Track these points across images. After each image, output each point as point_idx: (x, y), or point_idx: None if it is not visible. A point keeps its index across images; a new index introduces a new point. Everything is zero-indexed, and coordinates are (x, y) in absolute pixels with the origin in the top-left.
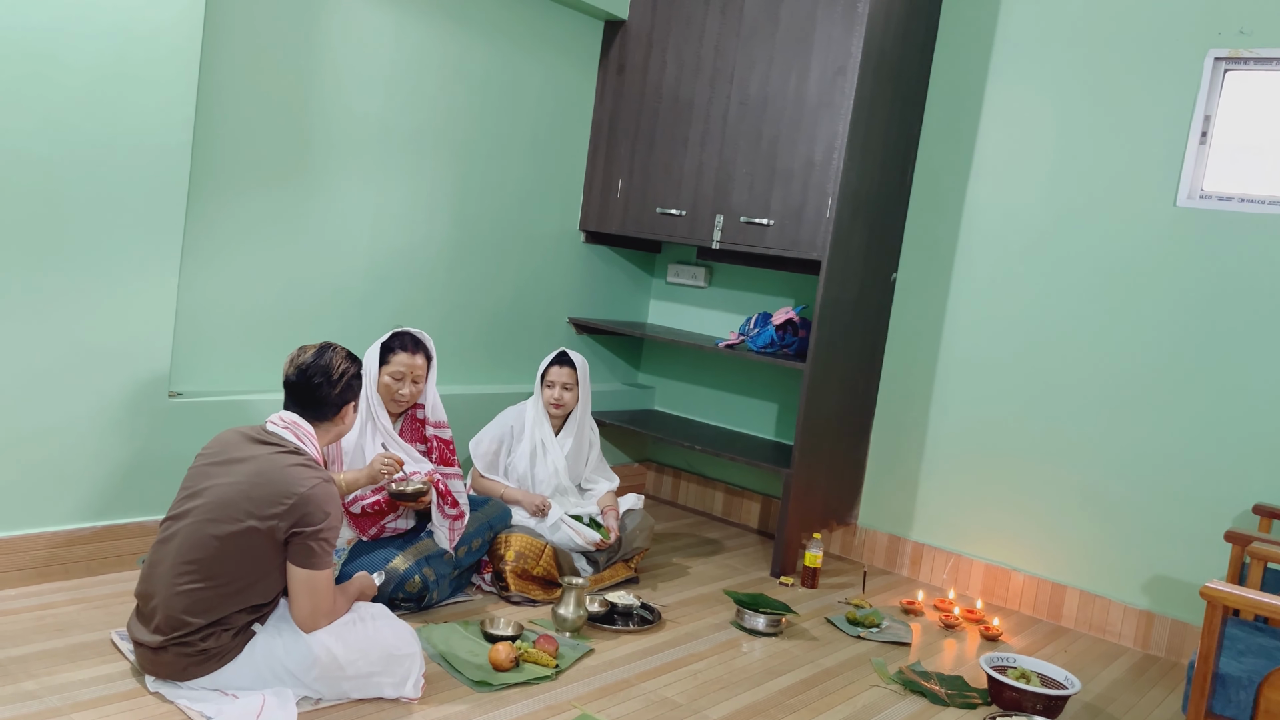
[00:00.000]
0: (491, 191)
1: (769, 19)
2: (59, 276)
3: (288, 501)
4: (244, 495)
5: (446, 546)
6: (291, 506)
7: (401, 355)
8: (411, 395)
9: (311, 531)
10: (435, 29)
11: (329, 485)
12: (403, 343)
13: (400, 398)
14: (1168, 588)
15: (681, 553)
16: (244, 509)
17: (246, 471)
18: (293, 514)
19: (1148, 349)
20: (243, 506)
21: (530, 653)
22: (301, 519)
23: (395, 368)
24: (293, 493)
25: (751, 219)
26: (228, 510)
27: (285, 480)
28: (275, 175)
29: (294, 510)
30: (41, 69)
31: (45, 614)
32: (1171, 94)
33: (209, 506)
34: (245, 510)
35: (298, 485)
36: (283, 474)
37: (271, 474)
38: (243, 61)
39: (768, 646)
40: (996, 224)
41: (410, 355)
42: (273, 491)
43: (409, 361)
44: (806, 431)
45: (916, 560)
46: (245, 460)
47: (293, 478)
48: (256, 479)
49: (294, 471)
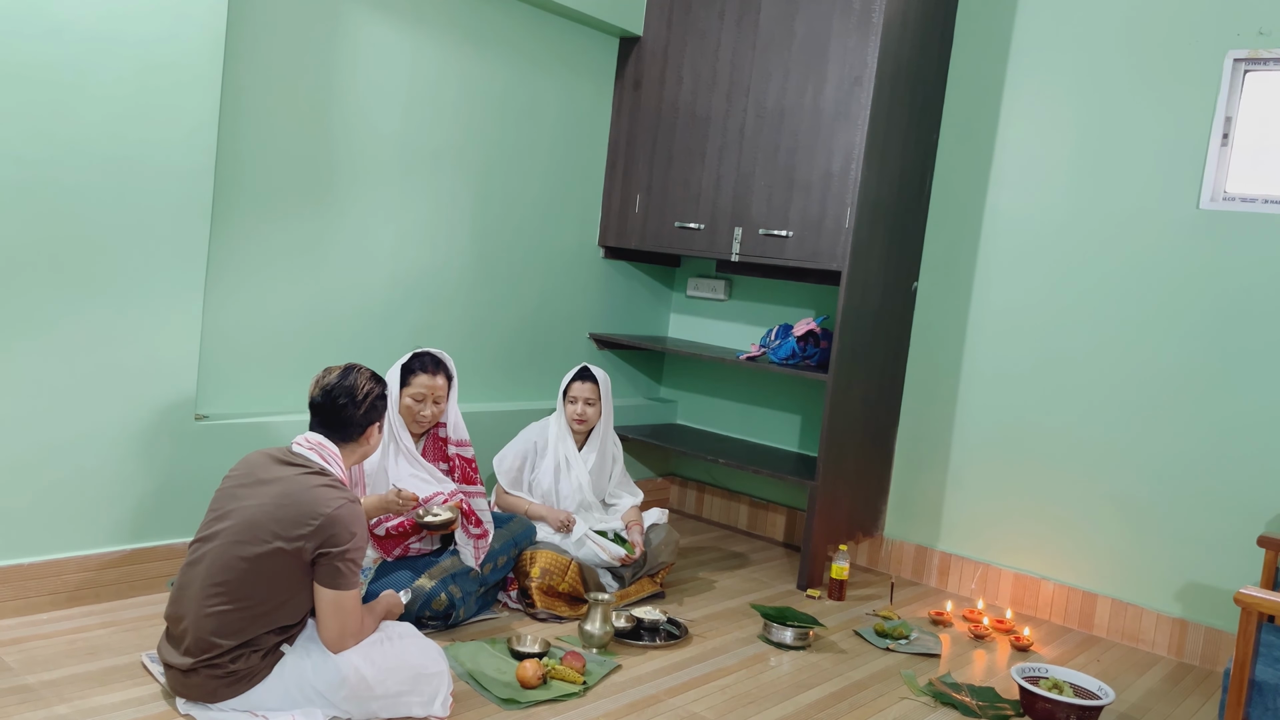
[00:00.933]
0: (511, 209)
1: (784, 31)
2: (86, 302)
3: (314, 522)
4: (271, 517)
5: (472, 564)
6: (318, 527)
7: (422, 376)
8: (433, 416)
9: (338, 552)
10: (453, 49)
11: (355, 506)
12: (423, 364)
13: (422, 418)
14: (1201, 594)
15: (707, 567)
16: (271, 530)
17: (273, 493)
18: (319, 535)
19: (1174, 353)
20: (270, 528)
21: (558, 670)
22: (328, 540)
23: (416, 389)
24: (319, 513)
25: (770, 231)
26: (255, 532)
27: (311, 501)
28: (296, 197)
29: (320, 531)
30: (68, 98)
31: (76, 638)
32: (1191, 96)
33: (236, 528)
34: (272, 532)
35: (324, 506)
36: (309, 495)
37: (298, 495)
38: (263, 86)
39: (796, 660)
40: (1017, 230)
41: (431, 376)
42: (299, 513)
43: (430, 383)
44: (830, 443)
45: (944, 571)
46: (272, 482)
47: (319, 498)
48: (283, 500)
49: (320, 492)
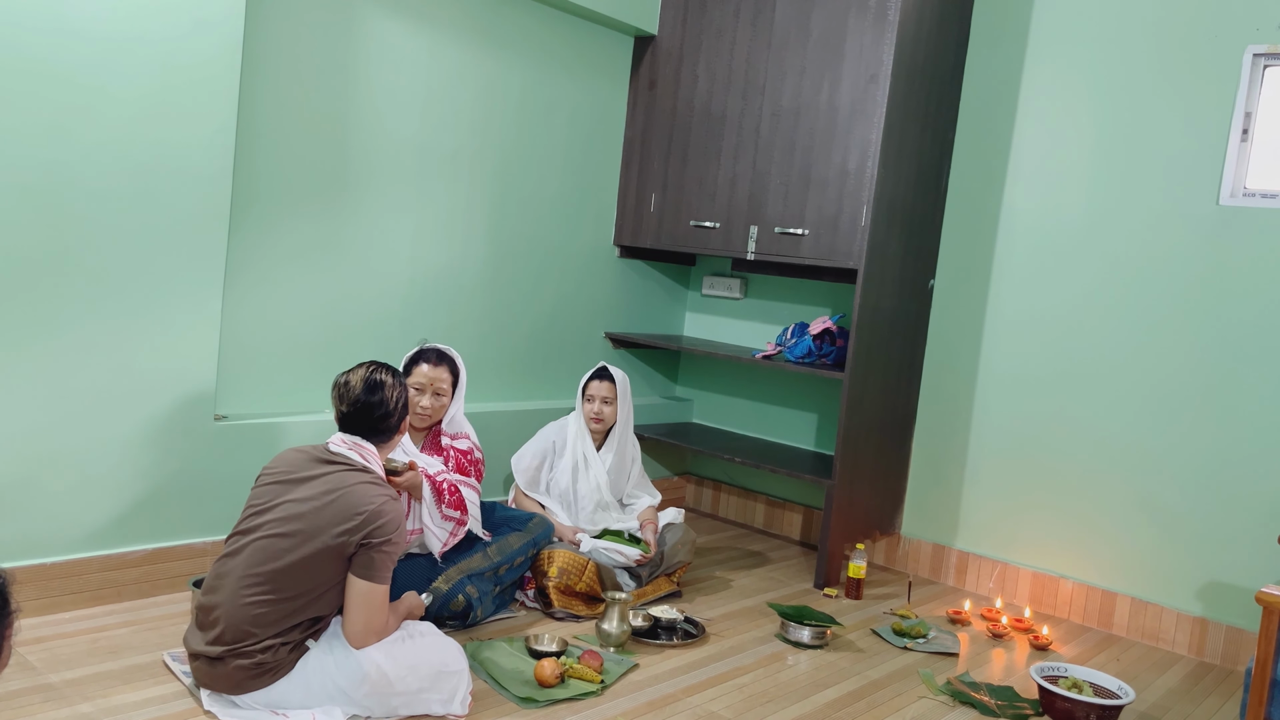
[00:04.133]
0: (527, 209)
1: (800, 29)
2: (106, 302)
3: (359, 517)
4: (316, 511)
5: (434, 550)
6: (364, 519)
7: (424, 366)
8: (433, 408)
9: (379, 543)
10: (468, 50)
11: (396, 503)
12: (426, 355)
13: (422, 410)
14: (1222, 593)
15: (724, 566)
16: (316, 524)
17: (317, 489)
18: (365, 526)
19: (1193, 349)
20: (315, 522)
21: (575, 669)
22: (373, 531)
23: (416, 379)
24: (364, 508)
25: (786, 229)
26: (299, 525)
27: (357, 496)
28: (315, 199)
29: (367, 523)
30: (89, 101)
31: (98, 636)
32: (1210, 92)
33: (280, 521)
34: (317, 526)
35: (368, 501)
36: (354, 490)
37: (343, 491)
38: (280, 88)
39: (813, 659)
40: (1035, 227)
41: (433, 367)
42: (344, 507)
43: (430, 373)
44: (847, 441)
45: (962, 569)
46: (315, 478)
47: (365, 494)
48: (328, 496)
49: (365, 489)
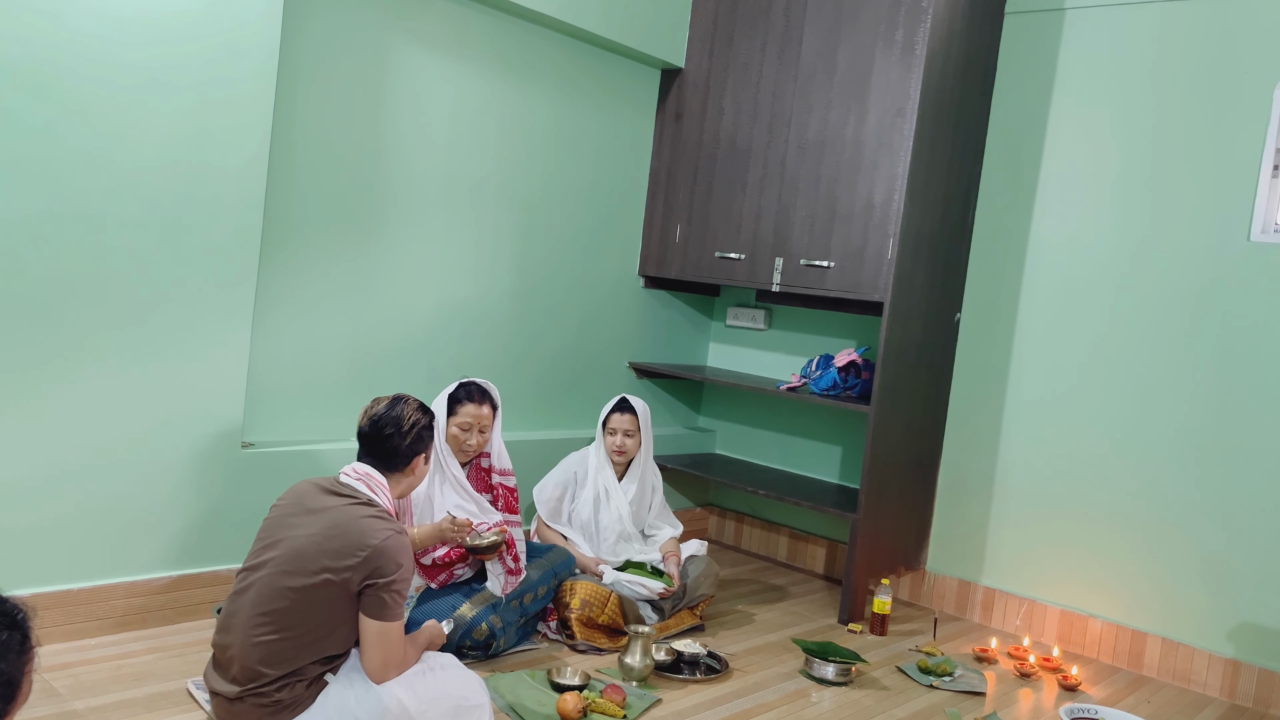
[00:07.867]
0: (552, 239)
1: (826, 63)
2: (137, 330)
3: (361, 554)
4: (318, 547)
5: (497, 592)
6: (365, 559)
7: (469, 405)
8: (478, 445)
9: (384, 583)
10: (496, 82)
11: (401, 537)
12: (469, 393)
13: (468, 448)
14: (1255, 635)
15: (747, 599)
16: (319, 560)
17: (321, 523)
18: (366, 566)
19: (1225, 386)
20: (317, 558)
21: (598, 703)
22: (375, 571)
23: (462, 419)
24: (366, 545)
25: (812, 261)
26: (302, 562)
27: (359, 532)
28: (343, 229)
29: (368, 562)
30: (124, 132)
31: (123, 663)
32: (1240, 128)
33: (284, 558)
34: (320, 563)
35: (371, 537)
36: (357, 525)
37: (346, 525)
38: (312, 121)
39: (838, 696)
40: (1062, 262)
41: (477, 405)
42: (346, 543)
43: (476, 412)
44: (872, 475)
45: (988, 606)
46: (320, 511)
47: (367, 529)
48: (331, 530)
49: (368, 524)
